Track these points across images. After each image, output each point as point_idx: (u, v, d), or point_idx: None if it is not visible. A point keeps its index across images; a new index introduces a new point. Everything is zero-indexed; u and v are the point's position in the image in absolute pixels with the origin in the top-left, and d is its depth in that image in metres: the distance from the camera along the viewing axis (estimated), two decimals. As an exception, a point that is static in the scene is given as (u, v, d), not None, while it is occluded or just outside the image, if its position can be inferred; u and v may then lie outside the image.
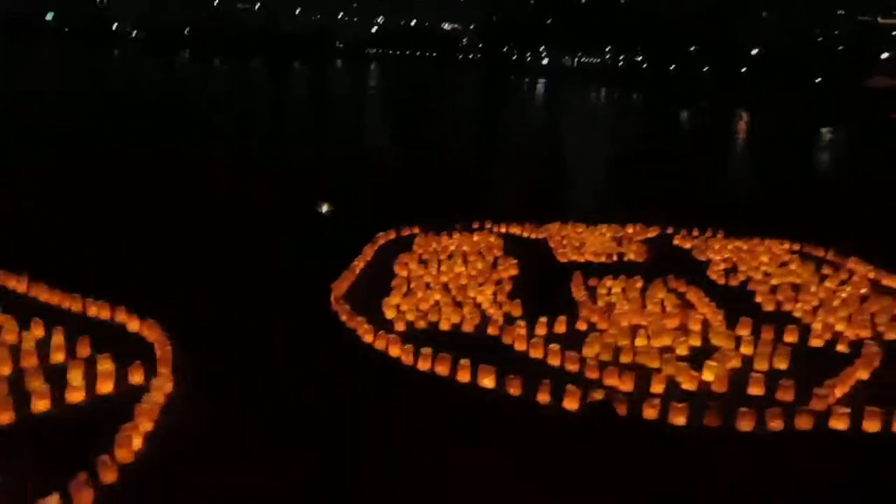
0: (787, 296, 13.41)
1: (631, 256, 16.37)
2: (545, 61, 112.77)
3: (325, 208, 19.22)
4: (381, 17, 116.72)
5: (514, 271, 14.55)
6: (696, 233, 18.43)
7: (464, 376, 9.35)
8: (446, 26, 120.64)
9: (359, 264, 14.17)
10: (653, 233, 18.67)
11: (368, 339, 10.52)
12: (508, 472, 7.56)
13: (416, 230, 17.26)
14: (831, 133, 56.36)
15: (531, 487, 7.35)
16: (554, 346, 10.06)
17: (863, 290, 14.14)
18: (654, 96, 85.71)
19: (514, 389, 9.01)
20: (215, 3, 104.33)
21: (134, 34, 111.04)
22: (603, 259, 16.07)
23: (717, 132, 53.61)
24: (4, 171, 21.56)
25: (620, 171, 31.11)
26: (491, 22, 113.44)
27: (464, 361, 9.38)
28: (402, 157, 31.04)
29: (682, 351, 10.62)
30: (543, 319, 11.16)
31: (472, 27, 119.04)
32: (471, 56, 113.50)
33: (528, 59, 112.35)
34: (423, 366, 9.74)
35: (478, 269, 14.43)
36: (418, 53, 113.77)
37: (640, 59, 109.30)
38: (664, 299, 12.92)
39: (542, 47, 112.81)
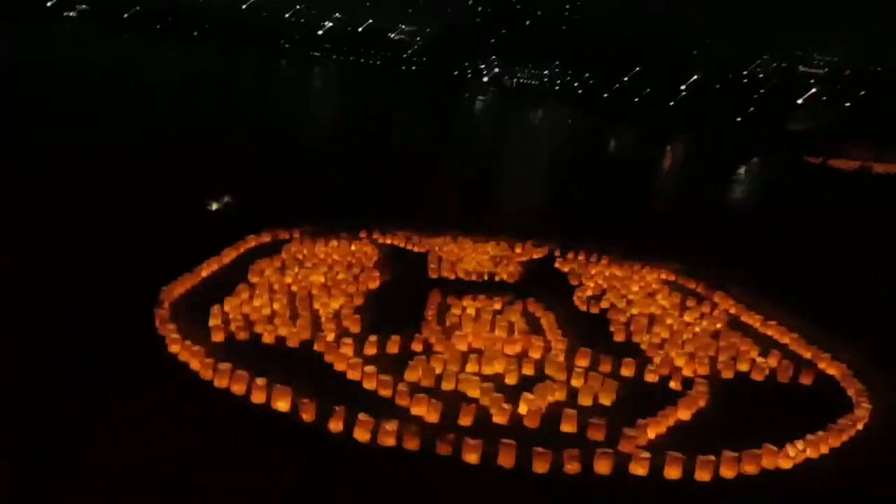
0: (639, 327, 13.08)
1: (504, 276, 15.90)
2: (485, 79, 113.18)
3: (215, 206, 18.27)
4: (330, 20, 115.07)
5: (373, 284, 13.87)
6: (581, 256, 18.18)
7: (258, 397, 8.53)
8: (394, 35, 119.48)
9: (210, 266, 13.21)
10: (539, 253, 18.29)
11: (174, 348, 9.63)
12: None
13: (297, 233, 16.48)
14: (748, 168, 57.68)
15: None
16: (369, 369, 9.36)
17: (718, 325, 13.99)
18: (592, 115, 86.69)
19: (307, 415, 8.23)
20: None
21: (73, 13, 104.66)
22: (474, 278, 15.55)
23: (644, 156, 54.23)
24: None
25: (535, 189, 30.93)
26: (440, 31, 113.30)
27: (260, 381, 8.57)
28: (324, 158, 30.17)
29: (511, 380, 10.06)
30: (373, 338, 10.46)
31: (418, 39, 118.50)
32: (413, 67, 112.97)
33: (470, 74, 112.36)
34: (220, 382, 8.89)
35: (337, 279, 13.69)
36: (361, 61, 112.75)
37: (583, 78, 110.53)
38: (515, 322, 12.42)
39: (488, 61, 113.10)
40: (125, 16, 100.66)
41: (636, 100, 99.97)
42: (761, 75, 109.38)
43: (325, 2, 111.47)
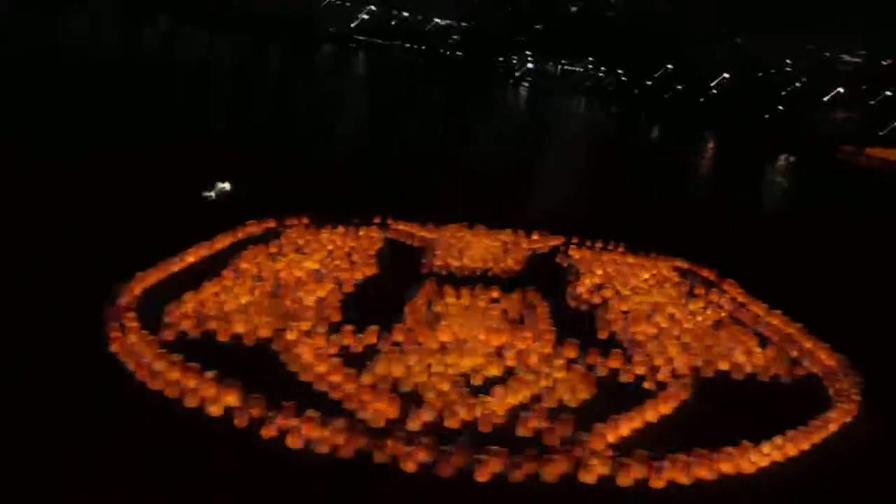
0: (638, 315, 12.45)
1: (509, 264, 15.38)
2: (530, 66, 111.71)
3: (213, 193, 18.04)
4: (370, 5, 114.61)
5: (369, 272, 13.47)
6: (599, 244, 17.57)
7: (208, 390, 7.94)
8: (438, 21, 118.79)
9: (197, 253, 12.81)
10: (555, 241, 17.72)
11: (114, 347, 8.97)
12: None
13: (305, 220, 16.14)
14: (784, 162, 55.85)
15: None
16: (335, 361, 8.92)
17: (722, 314, 13.33)
18: (628, 110, 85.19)
19: (256, 410, 7.71)
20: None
21: None
22: (479, 264, 15.06)
23: (679, 151, 52.84)
24: None
25: (565, 180, 30.20)
26: (484, 22, 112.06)
27: (209, 374, 8.07)
28: (358, 148, 29.76)
29: (492, 371, 9.56)
30: (349, 328, 10.04)
31: (462, 24, 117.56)
32: (458, 53, 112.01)
33: (515, 62, 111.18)
34: (156, 385, 8.26)
35: (332, 266, 13.32)
36: (407, 45, 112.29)
37: (620, 72, 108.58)
38: (508, 311, 11.91)
39: (528, 53, 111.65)
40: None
41: (666, 96, 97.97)
42: (789, 70, 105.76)
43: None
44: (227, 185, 18.32)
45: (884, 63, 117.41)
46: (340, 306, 11.22)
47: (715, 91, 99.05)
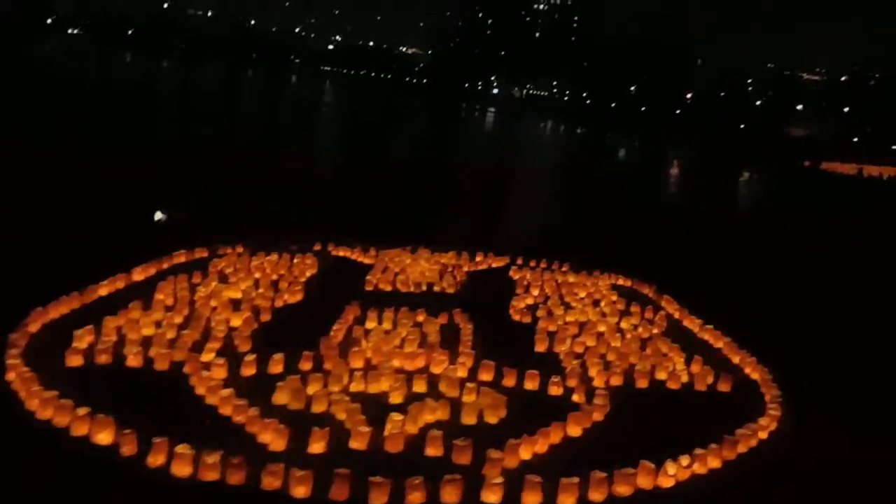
0: (564, 335, 12.19)
1: (444, 287, 15.10)
2: (495, 91, 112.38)
3: (159, 215, 17.68)
4: (338, 35, 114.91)
5: (293, 299, 13.09)
6: (543, 264, 17.42)
7: (80, 429, 7.43)
8: (404, 48, 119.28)
9: (109, 286, 12.24)
10: (499, 262, 17.53)
11: (10, 376, 8.38)
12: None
13: (239, 248, 15.75)
14: (743, 177, 56.54)
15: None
16: (225, 392, 8.50)
17: (654, 331, 13.12)
18: (595, 131, 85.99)
19: (128, 448, 7.20)
20: (164, 6, 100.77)
21: (75, 30, 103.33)
22: (411, 289, 14.75)
23: (644, 169, 53.29)
24: None
25: (526, 203, 30.21)
26: (447, 48, 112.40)
27: (81, 411, 7.53)
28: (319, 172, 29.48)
29: (396, 399, 9.19)
30: (250, 358, 9.62)
31: (429, 52, 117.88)
32: (424, 80, 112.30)
33: (479, 87, 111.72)
34: (44, 413, 7.75)
35: (254, 294, 12.91)
36: (373, 74, 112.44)
37: (584, 94, 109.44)
38: (429, 335, 11.57)
39: (494, 77, 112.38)
40: (129, 33, 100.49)
41: (640, 110, 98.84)
42: (751, 89, 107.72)
43: (333, 19, 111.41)
44: (162, 215, 17.94)
45: (842, 80, 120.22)
46: (252, 336, 10.80)
47: (679, 111, 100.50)
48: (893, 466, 8.99)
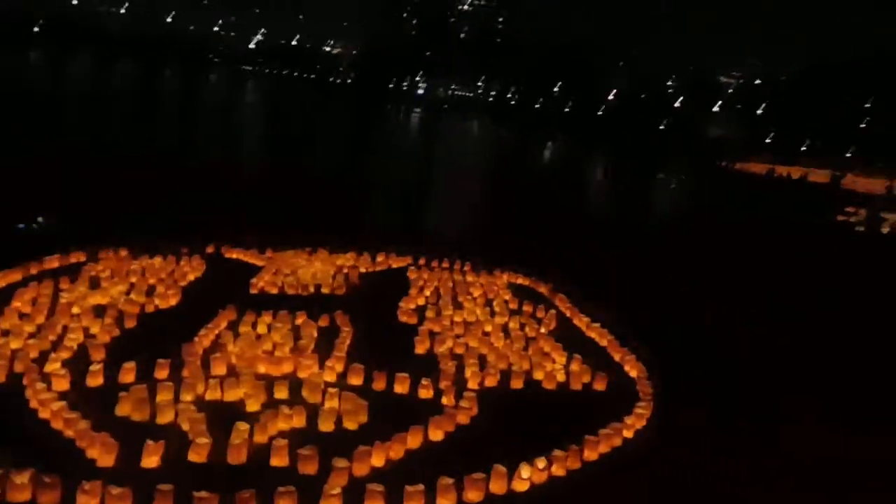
0: (444, 337, 12.00)
1: (334, 288, 14.71)
2: (420, 91, 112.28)
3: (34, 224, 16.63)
4: (259, 33, 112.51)
5: (164, 304, 12.48)
6: (445, 264, 17.23)
7: None
8: (328, 48, 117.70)
9: None
10: (399, 263, 17.25)
11: None
12: None
13: (123, 252, 14.96)
14: (663, 178, 57.85)
15: None
16: (56, 406, 7.92)
17: (542, 330, 13.11)
18: (520, 130, 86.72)
19: None
20: (74, 2, 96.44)
21: None
22: (299, 291, 14.32)
23: (568, 169, 53.87)
24: None
25: (443, 202, 30.04)
26: (371, 47, 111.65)
27: None
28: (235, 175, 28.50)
29: (255, 406, 8.79)
30: (96, 368, 9.04)
31: (353, 52, 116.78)
32: (348, 80, 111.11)
33: (405, 87, 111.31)
34: None
35: (121, 300, 12.25)
36: (296, 74, 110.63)
37: (509, 94, 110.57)
38: (302, 339, 11.19)
39: (419, 77, 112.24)
40: (35, 30, 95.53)
41: (563, 110, 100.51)
42: (670, 91, 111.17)
43: (253, 17, 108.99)
44: (41, 220, 16.91)
45: (756, 83, 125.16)
46: (111, 344, 10.21)
47: (602, 109, 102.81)
48: (757, 464, 9.09)
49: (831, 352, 12.95)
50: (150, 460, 7.12)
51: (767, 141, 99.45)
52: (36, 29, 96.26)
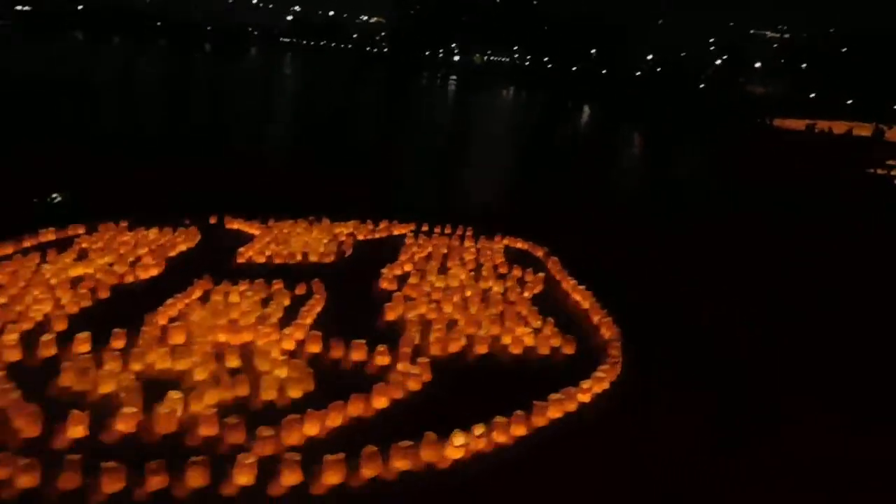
0: (417, 303, 11.66)
1: (320, 256, 14.46)
2: (456, 58, 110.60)
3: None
4: (297, 5, 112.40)
5: (144, 274, 12.37)
6: (448, 230, 16.86)
7: None
8: (364, 18, 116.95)
9: None
10: (400, 230, 16.91)
11: None
12: None
13: (124, 223, 14.94)
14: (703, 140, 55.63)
15: None
16: None
17: (525, 294, 12.71)
18: (556, 97, 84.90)
19: None
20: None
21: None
22: (285, 260, 14.10)
23: (600, 138, 52.40)
24: None
25: (470, 172, 29.48)
26: (406, 16, 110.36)
27: None
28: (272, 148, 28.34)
29: (200, 376, 8.60)
30: (47, 338, 8.93)
31: (384, 22, 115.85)
32: (385, 50, 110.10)
33: (441, 55, 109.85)
34: None
35: (98, 271, 12.20)
36: (333, 45, 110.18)
37: (545, 60, 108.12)
38: (271, 309, 10.97)
39: (454, 45, 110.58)
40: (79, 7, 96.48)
41: (601, 73, 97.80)
42: (712, 48, 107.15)
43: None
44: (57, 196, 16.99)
45: (803, 36, 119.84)
46: (78, 314, 10.15)
47: (639, 73, 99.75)
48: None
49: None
50: (76, 430, 6.99)
51: (811, 96, 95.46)
52: (80, 7, 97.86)
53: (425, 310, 11.46)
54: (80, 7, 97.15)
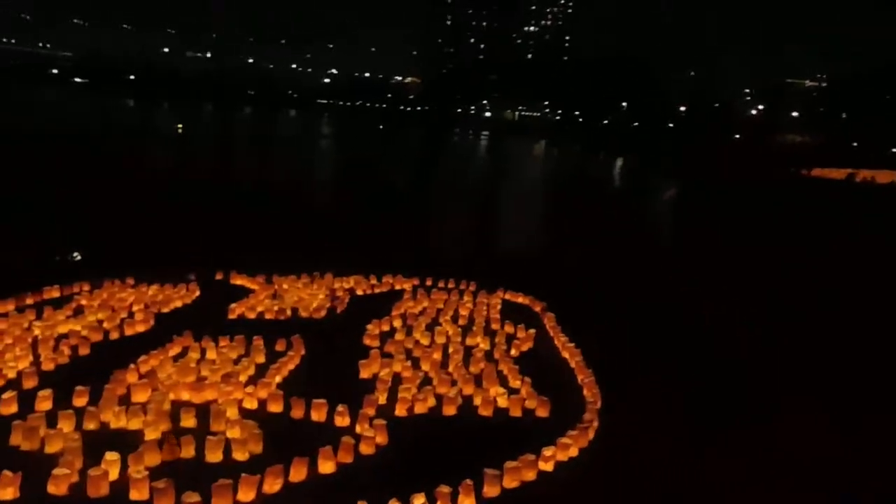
0: (394, 361, 11.42)
1: (311, 312, 14.36)
2: (488, 114, 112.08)
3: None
4: (333, 68, 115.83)
5: (131, 330, 12.38)
6: (451, 284, 16.69)
7: None
8: (399, 78, 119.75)
9: None
10: (405, 284, 16.78)
11: None
12: None
13: (130, 280, 15.10)
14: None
15: None
16: None
17: (513, 353, 12.36)
18: (587, 148, 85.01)
19: None
20: (165, 50, 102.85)
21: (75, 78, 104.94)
22: (275, 316, 14.05)
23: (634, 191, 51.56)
24: None
25: (493, 224, 29.40)
26: (440, 75, 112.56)
27: None
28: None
29: (150, 436, 8.42)
30: (8, 395, 8.92)
31: (418, 81, 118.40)
32: (417, 108, 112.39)
33: (472, 111, 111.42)
34: None
35: (87, 327, 12.29)
36: (367, 105, 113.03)
37: (576, 113, 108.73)
38: (243, 367, 10.83)
39: (486, 101, 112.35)
40: (130, 78, 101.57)
41: (633, 125, 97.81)
42: (748, 99, 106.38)
43: (326, 52, 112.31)
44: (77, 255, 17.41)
45: (842, 84, 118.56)
46: (53, 371, 10.18)
47: (671, 125, 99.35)
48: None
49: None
50: (5, 492, 6.87)
51: (854, 145, 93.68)
52: (132, 77, 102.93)
53: (400, 368, 11.21)
54: (131, 77, 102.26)
